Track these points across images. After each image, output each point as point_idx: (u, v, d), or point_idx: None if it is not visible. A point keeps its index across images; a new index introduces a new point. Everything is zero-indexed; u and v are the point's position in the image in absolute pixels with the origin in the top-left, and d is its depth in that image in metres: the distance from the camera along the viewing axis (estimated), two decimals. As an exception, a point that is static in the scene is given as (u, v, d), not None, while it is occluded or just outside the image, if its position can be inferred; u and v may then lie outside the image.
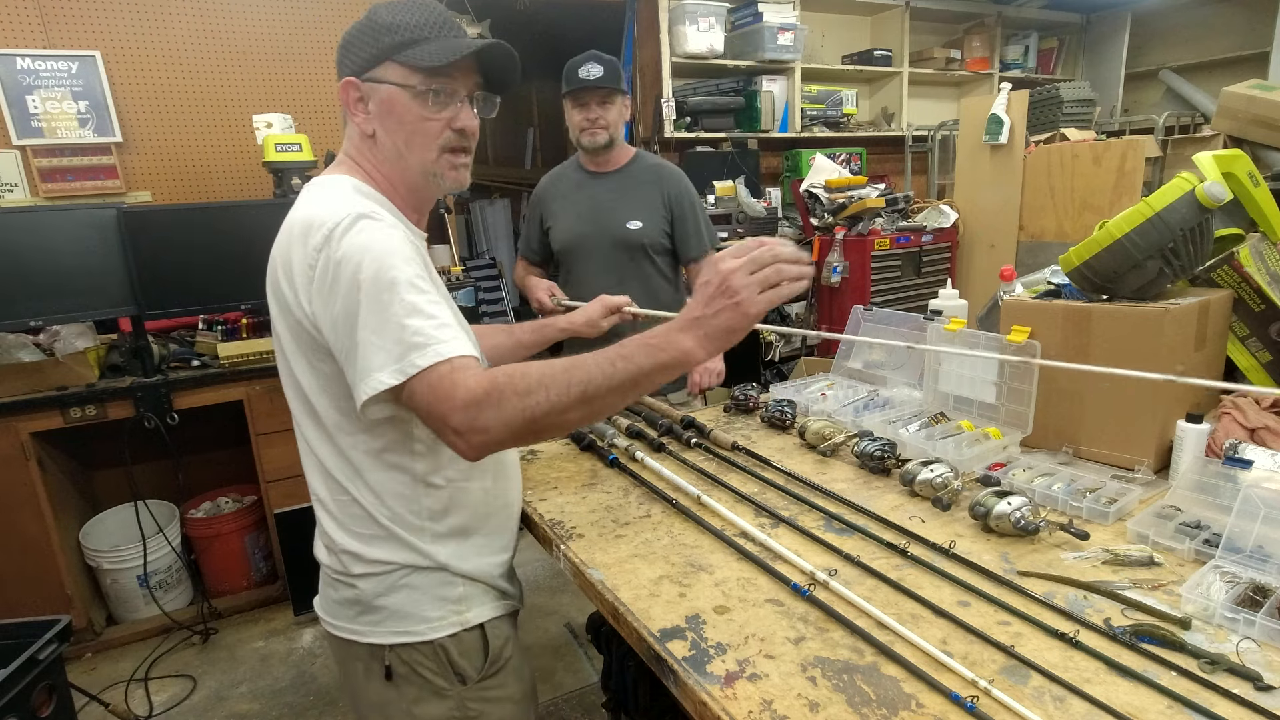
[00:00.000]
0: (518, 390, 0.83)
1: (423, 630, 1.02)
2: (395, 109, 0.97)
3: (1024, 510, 1.10)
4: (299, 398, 1.00)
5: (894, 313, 1.88)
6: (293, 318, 0.93)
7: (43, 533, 2.42)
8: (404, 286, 0.86)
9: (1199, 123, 4.27)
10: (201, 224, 2.56)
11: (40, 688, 1.77)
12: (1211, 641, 0.86)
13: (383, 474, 0.99)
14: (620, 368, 0.86)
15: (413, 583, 1.02)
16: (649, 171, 2.21)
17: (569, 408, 0.84)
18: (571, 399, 0.84)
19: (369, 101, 0.99)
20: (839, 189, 3.59)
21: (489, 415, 0.82)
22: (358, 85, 0.99)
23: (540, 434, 0.87)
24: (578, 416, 0.86)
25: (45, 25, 2.71)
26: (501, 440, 0.85)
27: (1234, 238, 1.52)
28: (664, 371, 0.87)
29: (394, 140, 0.99)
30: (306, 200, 0.97)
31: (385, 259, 0.87)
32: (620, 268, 2.15)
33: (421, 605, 1.02)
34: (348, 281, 0.86)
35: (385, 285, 0.86)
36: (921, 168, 4.73)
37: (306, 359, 0.96)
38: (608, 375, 0.85)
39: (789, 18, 3.84)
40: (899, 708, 0.77)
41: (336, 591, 1.05)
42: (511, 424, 0.83)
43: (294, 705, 2.33)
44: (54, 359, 2.41)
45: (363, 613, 1.03)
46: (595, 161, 2.18)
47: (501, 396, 0.82)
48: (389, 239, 0.90)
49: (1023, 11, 4.84)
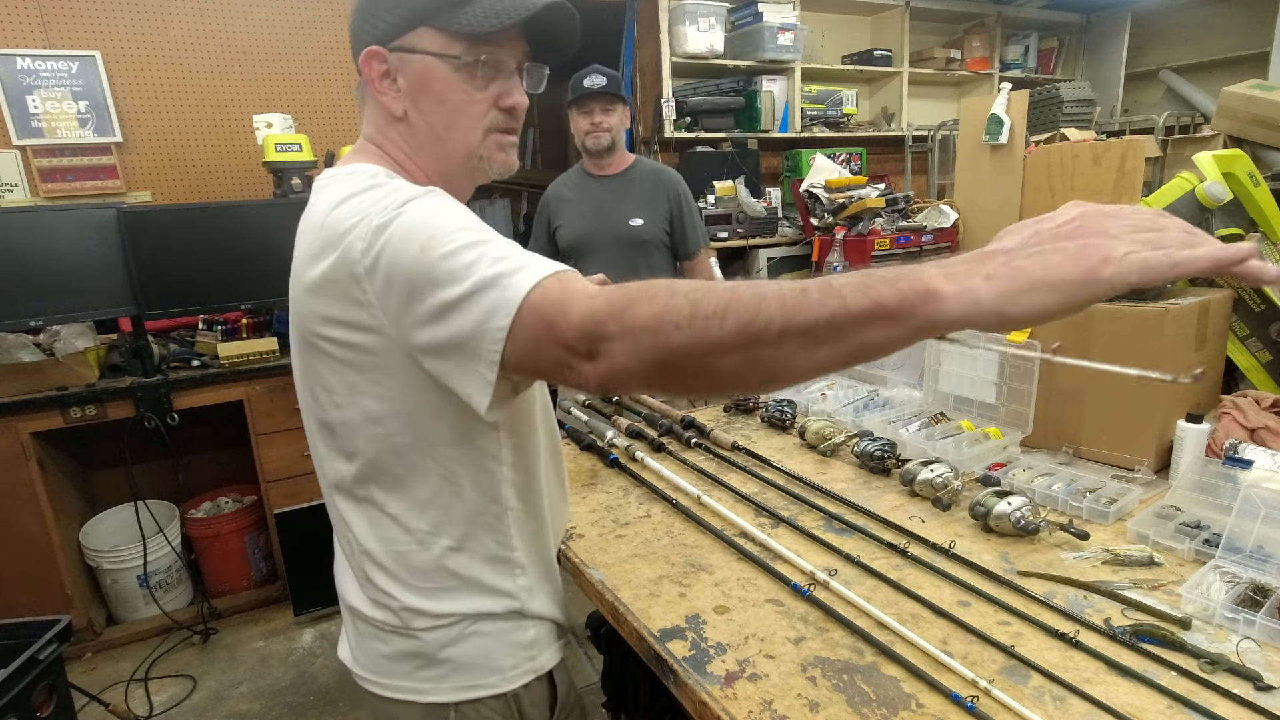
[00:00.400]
0: (654, 307, 0.59)
1: (495, 682, 0.89)
2: (433, 85, 0.81)
3: (1024, 510, 1.10)
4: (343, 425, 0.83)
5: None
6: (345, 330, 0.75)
7: (43, 533, 2.42)
8: (458, 230, 0.69)
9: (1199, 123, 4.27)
10: (201, 224, 2.56)
11: (40, 688, 1.77)
12: (1211, 641, 0.86)
13: (467, 505, 0.84)
14: (812, 296, 0.56)
15: (483, 629, 0.88)
16: (650, 174, 2.43)
17: (721, 343, 0.57)
18: (727, 332, 0.57)
19: (398, 76, 0.82)
20: (839, 189, 3.58)
21: (618, 340, 0.60)
22: (384, 56, 0.81)
23: (684, 380, 0.63)
24: (736, 365, 0.58)
25: (45, 25, 2.71)
26: (634, 372, 0.61)
27: (1234, 238, 1.52)
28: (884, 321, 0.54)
29: (430, 122, 0.83)
30: (332, 196, 0.78)
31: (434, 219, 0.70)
32: (624, 262, 2.33)
33: (494, 654, 0.89)
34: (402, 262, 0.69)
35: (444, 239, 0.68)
36: (921, 168, 4.73)
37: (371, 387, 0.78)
38: (785, 307, 0.56)
39: (789, 18, 3.83)
40: (899, 708, 0.77)
41: (387, 644, 0.89)
42: (641, 352, 0.60)
43: (294, 705, 2.33)
44: (54, 359, 2.41)
45: (423, 667, 0.88)
46: (598, 165, 2.40)
47: (631, 309, 0.60)
48: (436, 202, 0.73)
49: (1023, 11, 4.83)
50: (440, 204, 0.74)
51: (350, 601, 0.93)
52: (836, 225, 3.54)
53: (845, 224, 3.53)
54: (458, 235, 0.69)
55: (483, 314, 0.65)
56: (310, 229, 0.79)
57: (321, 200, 0.80)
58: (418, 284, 0.68)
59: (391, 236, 0.70)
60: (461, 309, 0.66)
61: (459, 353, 0.68)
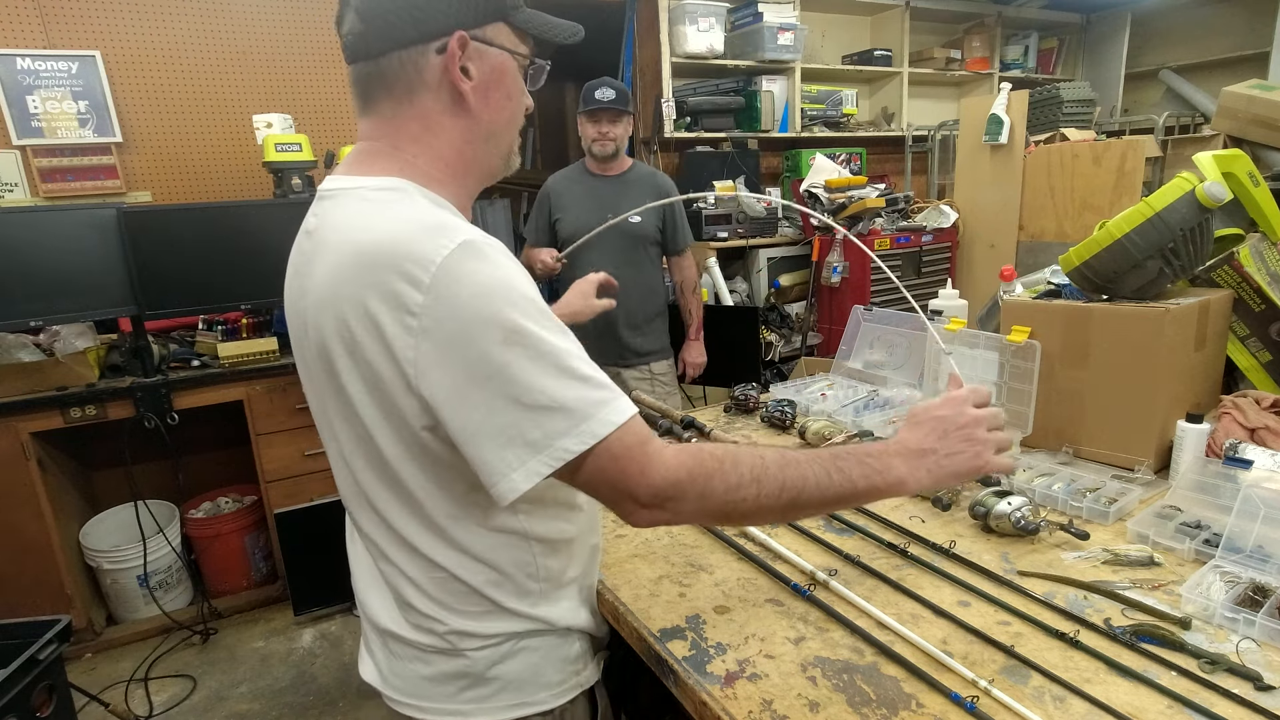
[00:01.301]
0: (728, 482, 0.74)
1: (543, 699, 0.88)
2: (505, 80, 0.80)
3: (1024, 510, 1.10)
4: (374, 467, 0.79)
5: (894, 313, 1.88)
6: (380, 377, 0.71)
7: (43, 533, 2.42)
8: (548, 335, 0.69)
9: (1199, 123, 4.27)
10: (201, 224, 2.56)
11: (40, 688, 1.76)
12: (1211, 641, 0.86)
13: (492, 543, 0.82)
14: (836, 480, 0.78)
15: (532, 645, 0.87)
16: (646, 177, 2.69)
17: (772, 511, 0.76)
18: (781, 503, 0.76)
19: (469, 65, 0.77)
20: (839, 189, 3.59)
21: (690, 503, 0.73)
22: (467, 42, 0.76)
23: (727, 525, 0.82)
24: (773, 519, 0.81)
25: (45, 25, 2.71)
26: (687, 522, 0.79)
27: (1234, 238, 1.52)
28: (872, 496, 0.81)
29: (494, 117, 0.81)
30: (367, 218, 0.73)
31: (517, 301, 0.68)
32: (620, 254, 2.54)
33: (543, 670, 0.87)
34: (474, 339, 0.66)
35: (528, 336, 0.67)
36: (921, 168, 4.73)
37: (393, 427, 0.74)
38: (822, 487, 0.77)
39: (789, 18, 3.83)
40: (899, 708, 0.77)
41: (429, 665, 0.85)
42: (708, 511, 0.75)
43: (294, 705, 2.33)
44: (54, 359, 2.41)
45: (469, 687, 0.85)
46: (601, 166, 2.63)
47: (709, 483, 0.73)
48: (507, 270, 0.70)
49: (1023, 11, 4.83)
50: (512, 272, 0.70)
51: (384, 624, 0.87)
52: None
53: (845, 224, 3.53)
54: (541, 326, 0.69)
55: (551, 432, 0.68)
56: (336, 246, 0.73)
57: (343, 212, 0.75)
58: (482, 364, 0.67)
59: (461, 297, 0.66)
60: (527, 411, 0.68)
61: (501, 445, 0.69)
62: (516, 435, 0.68)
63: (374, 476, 0.80)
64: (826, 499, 0.78)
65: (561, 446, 0.68)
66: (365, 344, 0.70)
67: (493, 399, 0.68)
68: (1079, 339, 1.33)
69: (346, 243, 0.72)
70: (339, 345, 0.73)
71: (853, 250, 3.45)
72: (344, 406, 0.77)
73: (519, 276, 0.71)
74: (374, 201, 0.74)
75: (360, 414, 0.75)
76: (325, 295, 0.73)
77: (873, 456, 0.80)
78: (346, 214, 0.75)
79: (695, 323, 2.87)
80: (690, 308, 2.82)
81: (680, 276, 2.79)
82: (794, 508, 0.78)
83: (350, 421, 0.78)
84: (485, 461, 0.70)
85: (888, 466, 0.80)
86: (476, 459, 0.70)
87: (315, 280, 0.75)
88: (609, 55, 3.96)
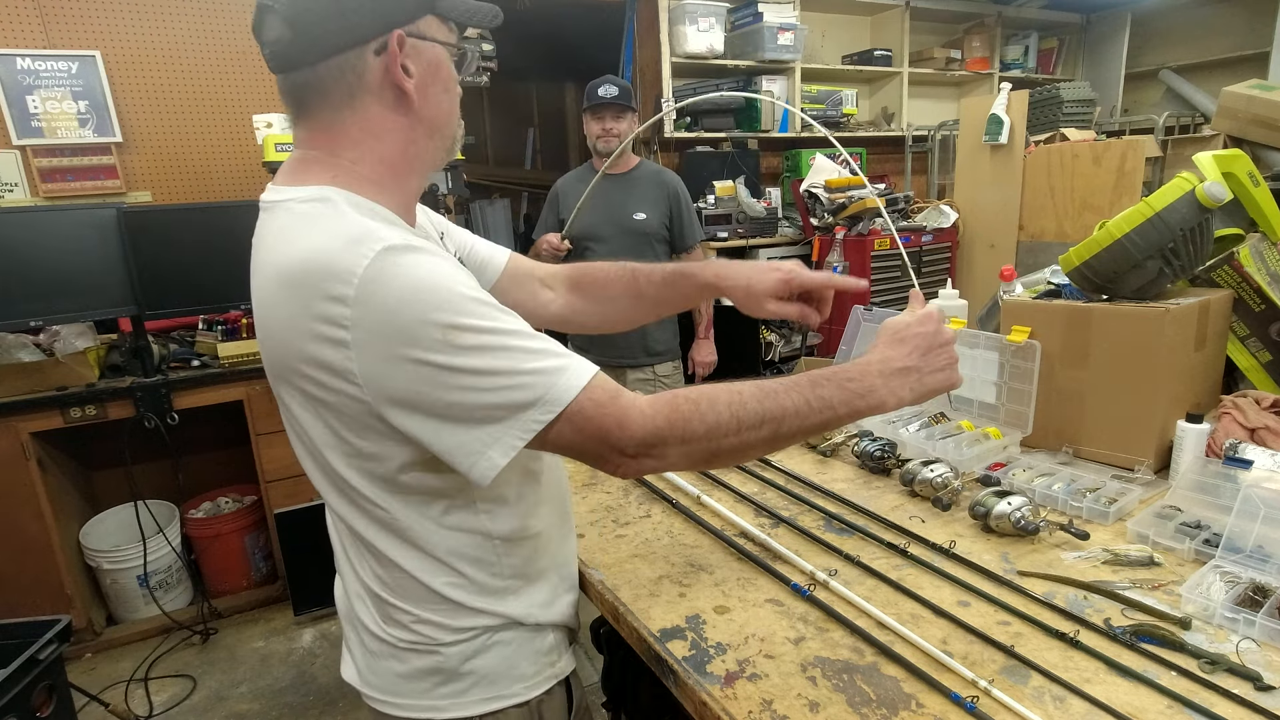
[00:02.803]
0: (707, 423, 0.74)
1: (518, 691, 0.88)
2: (441, 73, 0.79)
3: (1024, 510, 1.10)
4: (325, 474, 0.81)
5: (894, 312, 1.88)
6: (323, 390, 0.72)
7: (43, 533, 2.42)
8: (485, 321, 0.69)
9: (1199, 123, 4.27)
10: (201, 224, 2.56)
11: (40, 688, 1.77)
12: (1211, 641, 0.86)
13: (453, 544, 0.82)
14: (816, 407, 0.78)
15: (505, 639, 0.87)
16: (652, 175, 2.70)
17: (756, 445, 0.77)
18: (763, 436, 0.76)
19: (407, 63, 0.76)
20: (839, 189, 3.59)
21: (673, 447, 0.74)
22: (404, 40, 0.75)
23: (716, 464, 0.82)
24: (760, 452, 0.80)
25: (45, 25, 2.71)
26: (675, 468, 0.79)
27: (1234, 238, 1.52)
28: (854, 417, 0.81)
29: (435, 112, 0.80)
30: (291, 234, 0.72)
31: (446, 299, 0.68)
32: (627, 252, 2.51)
33: (516, 663, 0.89)
34: (414, 342, 0.67)
35: (465, 330, 0.68)
36: (921, 168, 4.73)
37: (339, 437, 0.76)
38: (802, 415, 0.77)
39: (789, 18, 3.83)
40: (899, 708, 0.77)
41: (403, 663, 0.86)
42: (694, 454, 0.76)
43: (294, 705, 2.33)
44: (54, 359, 2.41)
45: (443, 683, 0.86)
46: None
47: (688, 426, 0.74)
48: (434, 268, 0.69)
49: (1023, 11, 4.83)
50: (442, 268, 0.70)
51: (359, 621, 0.89)
52: (836, 225, 3.54)
53: (845, 224, 3.53)
54: (478, 313, 0.69)
55: (516, 405, 0.69)
56: (268, 265, 0.73)
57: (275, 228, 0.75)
58: (427, 362, 0.67)
59: (388, 301, 0.66)
60: (486, 394, 0.69)
61: (466, 428, 0.70)
62: (484, 418, 0.70)
63: (328, 484, 0.82)
64: (807, 426, 0.78)
65: (530, 418, 0.69)
66: (306, 371, 0.72)
67: (449, 394, 0.68)
68: (1079, 339, 1.33)
69: (270, 265, 0.73)
70: (279, 353, 0.75)
71: (853, 250, 3.45)
72: (291, 419, 0.80)
73: (445, 268, 0.70)
74: (299, 215, 0.73)
75: (312, 425, 0.77)
76: (265, 316, 0.75)
77: (853, 380, 0.80)
78: (273, 231, 0.75)
79: (705, 321, 2.85)
80: (700, 306, 2.81)
81: None
82: (777, 439, 0.78)
83: (300, 436, 0.81)
84: (457, 447, 0.71)
85: (869, 389, 0.80)
86: (446, 450, 0.71)
87: (258, 297, 0.77)
88: (609, 55, 3.97)
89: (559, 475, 0.98)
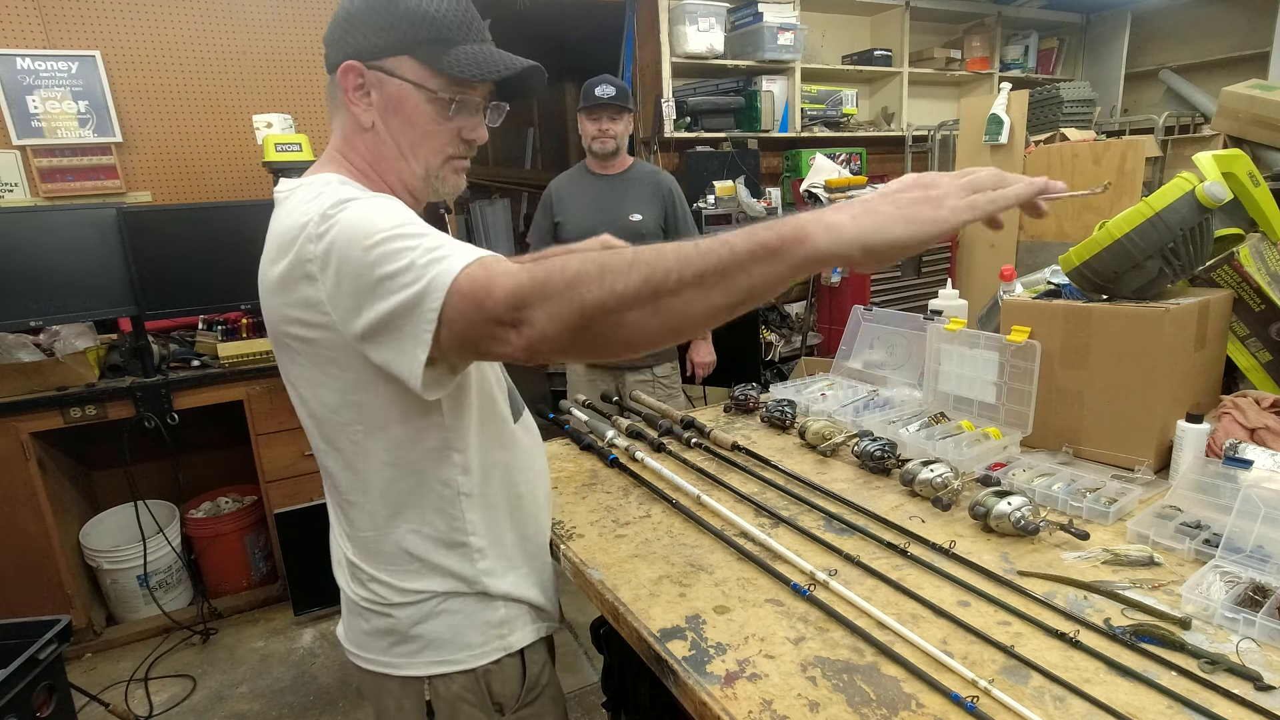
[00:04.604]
0: (567, 274, 0.67)
1: (464, 659, 0.96)
2: (404, 108, 0.88)
3: (1024, 510, 1.10)
4: (313, 418, 0.91)
5: (894, 313, 1.88)
6: (304, 326, 0.82)
7: (43, 533, 2.42)
8: (395, 232, 0.74)
9: (1199, 123, 4.27)
10: (201, 224, 2.57)
11: (40, 688, 1.77)
12: (1211, 641, 0.86)
13: (417, 490, 0.91)
14: (702, 248, 0.65)
15: (452, 608, 0.95)
16: (647, 175, 2.67)
17: (636, 300, 0.66)
18: (631, 286, 0.65)
19: (371, 90, 0.87)
20: (839, 189, 3.59)
21: (539, 307, 0.67)
22: (361, 71, 0.86)
23: (599, 336, 0.68)
24: (643, 316, 0.66)
25: (45, 25, 2.71)
26: (554, 336, 0.68)
27: (1234, 238, 1.52)
28: (767, 259, 0.65)
29: (397, 139, 0.89)
30: (288, 209, 0.85)
31: (374, 224, 0.75)
32: None
33: (463, 631, 0.96)
34: (346, 263, 0.75)
35: (378, 245, 0.73)
36: (922, 168, 4.73)
37: (318, 377, 0.86)
38: (685, 257, 0.65)
39: (789, 18, 3.83)
40: (899, 708, 0.77)
41: (367, 622, 0.98)
42: (565, 314, 0.66)
43: (294, 705, 2.33)
44: (54, 359, 2.41)
45: (398, 643, 0.96)
46: (602, 165, 2.62)
47: (548, 280, 0.67)
48: (375, 204, 0.79)
49: (1023, 11, 4.84)
50: (380, 204, 0.80)
51: (341, 581, 1.02)
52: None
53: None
54: (394, 230, 0.75)
55: (415, 296, 0.72)
56: (271, 237, 0.85)
57: (282, 211, 0.87)
58: (360, 275, 0.74)
59: (337, 236, 0.76)
60: (396, 294, 0.73)
61: (394, 334, 0.75)
62: (401, 318, 0.73)
63: (314, 427, 0.92)
64: (694, 273, 0.65)
65: (427, 308, 0.71)
66: (288, 298, 0.81)
67: (377, 302, 0.74)
68: (1079, 339, 1.33)
69: (273, 234, 0.86)
70: (275, 306, 0.84)
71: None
72: (291, 366, 0.89)
73: (383, 202, 0.79)
74: (305, 193, 0.85)
75: (296, 371, 0.88)
76: (263, 272, 0.87)
77: (773, 220, 0.67)
78: (285, 209, 0.86)
79: None
80: None
81: None
82: (655, 294, 0.65)
83: (296, 382, 0.90)
84: (394, 357, 0.76)
85: (787, 221, 0.65)
86: (388, 361, 0.77)
87: (264, 260, 0.87)
88: (609, 55, 3.97)
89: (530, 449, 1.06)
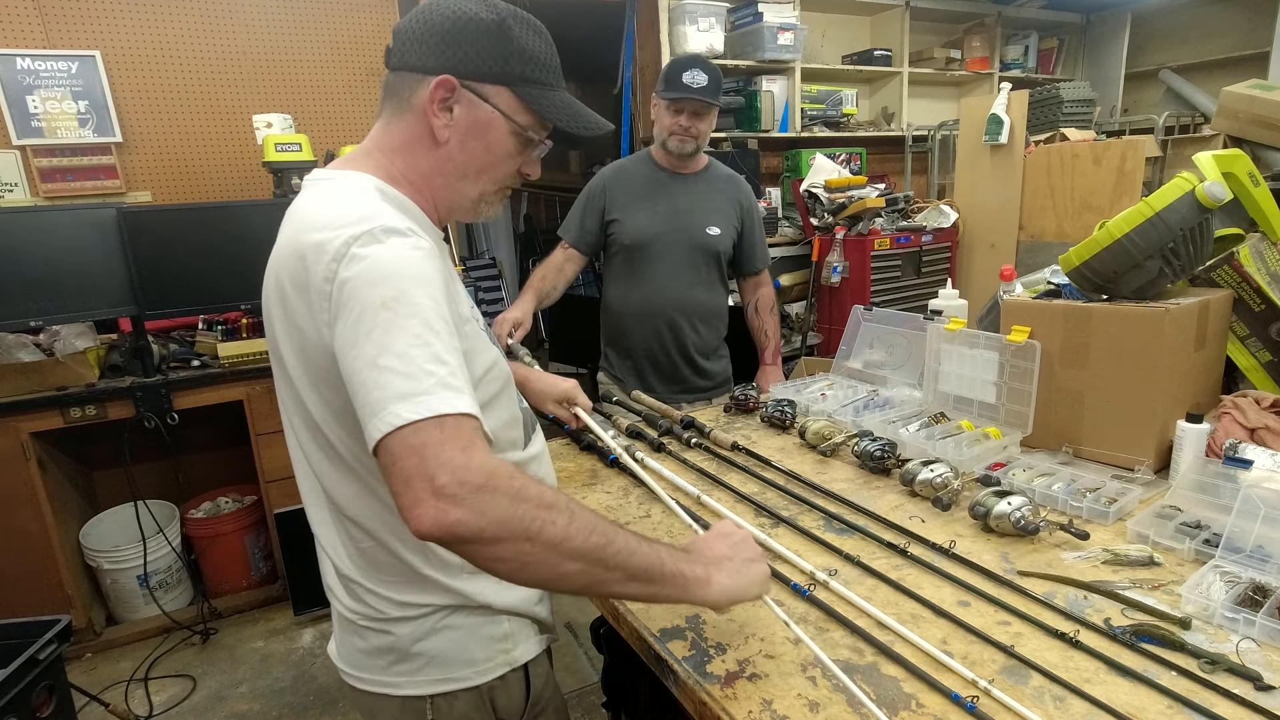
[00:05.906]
0: (544, 499, 0.70)
1: (468, 675, 0.93)
2: (489, 135, 0.87)
3: (1024, 510, 1.10)
4: (308, 427, 0.87)
5: (894, 313, 1.88)
6: (305, 340, 0.80)
7: (43, 533, 2.42)
8: (425, 321, 0.73)
9: (1199, 123, 4.27)
10: (201, 224, 2.56)
11: (40, 688, 1.77)
12: (1211, 641, 0.86)
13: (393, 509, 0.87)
14: (645, 549, 0.77)
15: (454, 623, 0.91)
16: (725, 181, 2.22)
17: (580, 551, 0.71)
18: (590, 545, 0.72)
19: (455, 107, 0.86)
20: (839, 189, 3.59)
21: (501, 500, 0.67)
22: (454, 87, 0.85)
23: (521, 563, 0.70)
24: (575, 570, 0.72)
25: (45, 25, 2.71)
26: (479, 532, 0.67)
27: (1234, 238, 1.52)
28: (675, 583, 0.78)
29: (468, 160, 0.88)
30: (317, 200, 0.83)
31: (413, 286, 0.74)
32: (691, 271, 2.14)
33: (466, 647, 0.92)
34: (365, 301, 0.72)
35: (408, 312, 0.72)
36: (921, 168, 4.73)
37: (319, 389, 0.83)
38: (630, 549, 0.75)
39: (789, 18, 3.83)
40: (899, 708, 0.77)
41: (364, 640, 0.93)
42: (517, 519, 0.68)
43: (294, 705, 2.33)
44: (54, 359, 2.41)
45: (397, 661, 0.92)
46: (673, 161, 2.15)
47: (525, 488, 0.69)
48: (420, 264, 0.76)
49: (1023, 11, 4.83)
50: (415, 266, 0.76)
51: (334, 597, 0.96)
52: (836, 225, 3.54)
53: (845, 224, 3.53)
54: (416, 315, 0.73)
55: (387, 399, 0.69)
56: (292, 229, 0.83)
57: (309, 202, 0.84)
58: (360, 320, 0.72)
59: (362, 273, 0.74)
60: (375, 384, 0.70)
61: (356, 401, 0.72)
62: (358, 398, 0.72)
63: (309, 439, 0.88)
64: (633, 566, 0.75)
65: (391, 412, 0.68)
66: (296, 306, 0.79)
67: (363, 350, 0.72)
68: (1079, 339, 1.33)
69: (291, 224, 0.84)
70: (279, 314, 0.83)
71: (853, 250, 3.46)
72: (282, 370, 0.87)
73: (417, 259, 0.76)
74: (336, 188, 0.84)
75: (293, 377, 0.84)
76: (272, 263, 0.85)
77: (680, 551, 0.81)
78: (311, 197, 0.85)
79: (773, 345, 2.36)
80: (767, 329, 2.34)
81: (756, 294, 2.33)
82: (601, 559, 0.73)
83: (287, 384, 0.87)
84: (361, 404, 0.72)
85: (693, 561, 0.81)
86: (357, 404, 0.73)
87: (277, 246, 0.85)
88: (609, 55, 3.97)
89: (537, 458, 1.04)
